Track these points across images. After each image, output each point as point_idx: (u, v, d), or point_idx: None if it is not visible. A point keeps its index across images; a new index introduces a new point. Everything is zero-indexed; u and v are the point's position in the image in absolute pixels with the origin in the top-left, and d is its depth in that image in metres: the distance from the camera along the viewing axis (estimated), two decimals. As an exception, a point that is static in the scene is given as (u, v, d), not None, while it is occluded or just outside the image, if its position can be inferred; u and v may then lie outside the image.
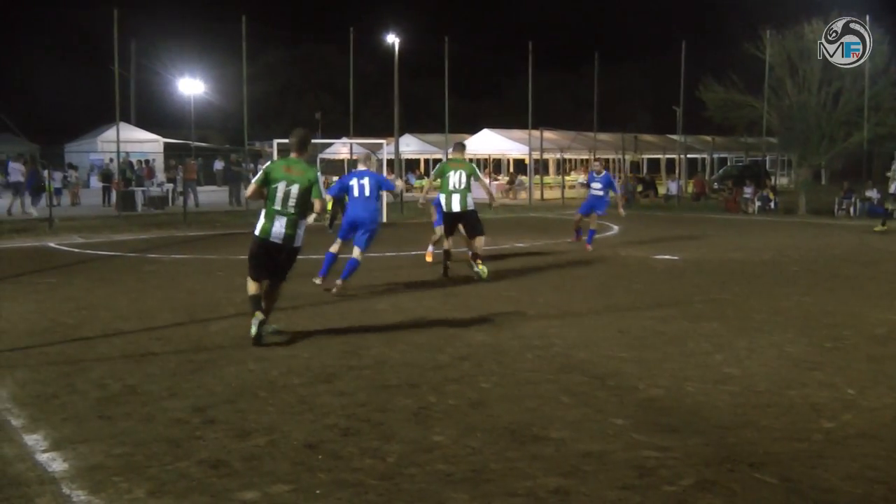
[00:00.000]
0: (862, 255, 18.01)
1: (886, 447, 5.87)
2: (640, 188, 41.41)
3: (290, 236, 9.12)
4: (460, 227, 13.93)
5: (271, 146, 26.78)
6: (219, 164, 46.29)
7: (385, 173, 31.19)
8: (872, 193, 31.18)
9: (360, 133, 42.27)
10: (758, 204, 33.10)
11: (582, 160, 49.67)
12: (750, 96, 34.91)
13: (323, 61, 68.89)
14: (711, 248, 19.23)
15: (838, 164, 42.18)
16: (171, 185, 34.81)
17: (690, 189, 43.14)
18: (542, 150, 41.32)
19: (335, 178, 20.81)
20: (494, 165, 50.23)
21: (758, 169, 41.90)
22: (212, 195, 37.47)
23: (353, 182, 12.95)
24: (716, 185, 43.78)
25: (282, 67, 70.46)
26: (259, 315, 8.91)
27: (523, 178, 44.90)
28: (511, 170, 51.22)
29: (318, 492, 5.04)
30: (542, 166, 44.41)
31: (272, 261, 9.20)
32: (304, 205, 9.15)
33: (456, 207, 13.68)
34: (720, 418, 6.46)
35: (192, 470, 5.36)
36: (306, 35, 71.99)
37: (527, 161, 43.76)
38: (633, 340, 9.25)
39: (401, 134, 46.05)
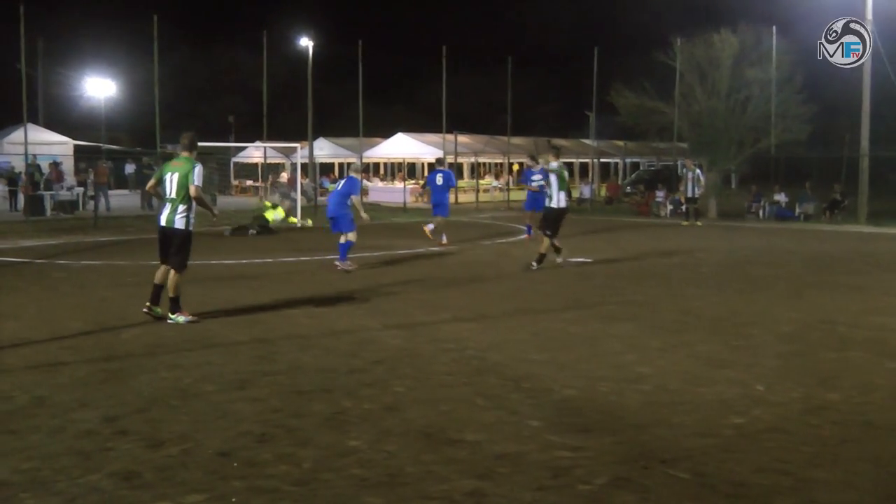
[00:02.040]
0: (770, 257, 18.46)
1: (793, 440, 6.04)
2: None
3: (170, 220, 10.35)
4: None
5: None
6: (130, 168, 45.44)
7: (299, 178, 31.06)
8: (780, 197, 32.00)
9: (273, 137, 41.83)
10: (669, 207, 33.64)
11: (496, 164, 49.95)
12: (661, 102, 35.52)
13: (236, 64, 68.12)
14: (623, 251, 19.50)
15: (747, 169, 43.20)
16: (81, 189, 33.98)
17: (603, 193, 43.71)
18: (457, 154, 41.47)
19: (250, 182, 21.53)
20: (409, 169, 50.21)
21: (669, 173, 42.56)
22: (123, 199, 36.73)
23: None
24: (628, 189, 44.38)
25: (194, 70, 69.52)
26: (147, 304, 10.40)
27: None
28: (425, 173, 51.31)
29: (233, 500, 4.99)
30: (455, 170, 44.53)
31: (164, 245, 10.48)
32: (182, 191, 10.29)
33: (563, 204, 15.89)
34: (633, 417, 6.56)
35: (103, 483, 5.25)
36: (219, 37, 71.38)
37: (440, 166, 43.80)
38: (547, 342, 9.34)
39: (315, 138, 45.75)
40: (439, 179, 20.60)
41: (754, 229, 27.39)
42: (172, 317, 10.36)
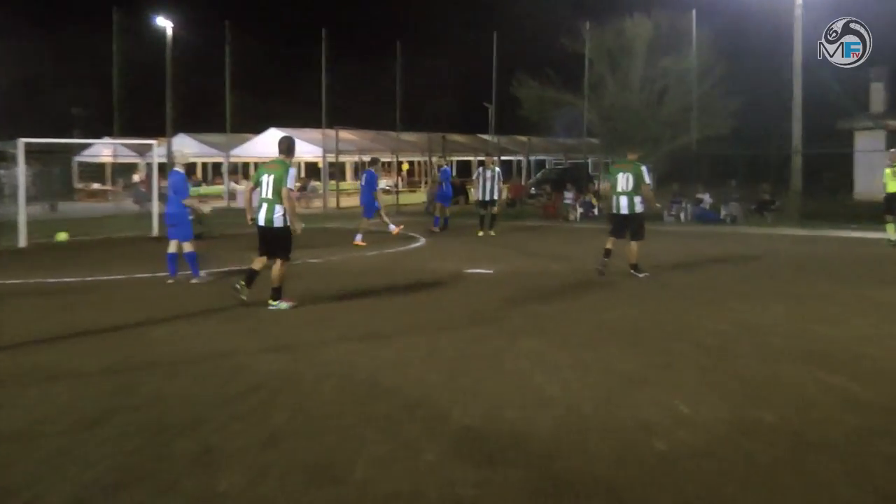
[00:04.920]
0: (690, 263, 18.78)
1: (720, 465, 6.15)
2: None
3: (269, 220, 12.64)
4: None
5: (15, 148, 25.22)
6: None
7: (156, 181, 30.46)
8: (704, 197, 32.52)
9: (127, 132, 41.10)
10: (580, 210, 33.98)
11: (385, 163, 49.98)
12: (568, 94, 36.00)
13: (85, 49, 66.64)
14: (529, 259, 19.66)
15: (666, 168, 44.09)
16: None
17: (505, 194, 44.01)
18: (339, 152, 41.35)
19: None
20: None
21: (579, 172, 43.00)
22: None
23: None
24: (533, 191, 44.69)
25: (34, 54, 67.71)
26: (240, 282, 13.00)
27: (317, 183, 44.78)
28: (303, 174, 51.12)
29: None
30: (338, 170, 44.41)
31: (264, 241, 12.87)
32: (278, 193, 12.54)
33: (624, 210, 16.28)
34: (543, 445, 6.59)
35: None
36: (65, 17, 69.69)
37: (321, 164, 43.71)
38: (445, 362, 9.34)
39: (175, 133, 45.07)
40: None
41: (675, 233, 27.89)
42: (274, 303, 12.67)
